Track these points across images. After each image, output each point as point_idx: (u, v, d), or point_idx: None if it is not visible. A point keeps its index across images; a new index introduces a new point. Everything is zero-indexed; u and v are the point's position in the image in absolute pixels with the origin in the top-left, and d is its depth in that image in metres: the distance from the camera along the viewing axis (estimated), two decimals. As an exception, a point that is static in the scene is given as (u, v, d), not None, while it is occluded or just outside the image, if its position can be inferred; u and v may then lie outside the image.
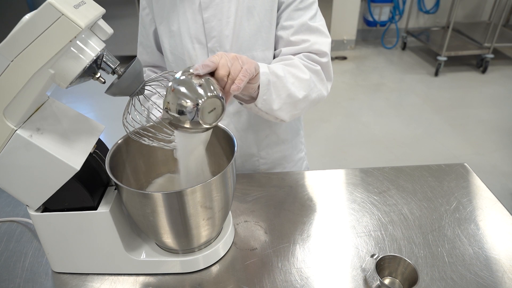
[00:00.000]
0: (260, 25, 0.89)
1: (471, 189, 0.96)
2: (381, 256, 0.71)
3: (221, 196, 0.69)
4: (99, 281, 0.75)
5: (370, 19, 4.36)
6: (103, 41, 0.61)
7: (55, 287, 0.74)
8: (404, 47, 4.37)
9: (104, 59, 0.62)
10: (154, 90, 0.69)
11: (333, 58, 4.18)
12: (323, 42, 0.90)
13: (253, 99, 0.79)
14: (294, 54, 0.90)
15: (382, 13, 4.31)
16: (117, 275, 0.76)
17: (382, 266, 0.71)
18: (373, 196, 0.94)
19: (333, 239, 0.82)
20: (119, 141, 0.74)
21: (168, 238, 0.70)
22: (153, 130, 0.73)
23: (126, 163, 0.77)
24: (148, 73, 1.07)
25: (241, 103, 0.83)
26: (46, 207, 0.69)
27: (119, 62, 0.63)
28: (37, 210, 0.69)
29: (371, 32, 4.61)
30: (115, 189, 0.72)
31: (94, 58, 0.58)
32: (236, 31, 0.89)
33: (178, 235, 0.70)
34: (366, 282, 0.72)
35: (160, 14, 0.94)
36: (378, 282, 0.70)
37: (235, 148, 0.70)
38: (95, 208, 0.68)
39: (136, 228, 0.79)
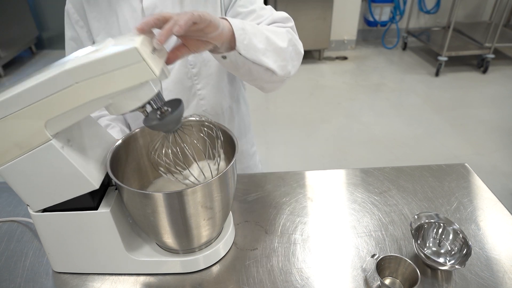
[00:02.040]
0: None
1: (471, 189, 0.95)
2: (381, 256, 0.71)
3: (222, 196, 0.69)
4: (99, 281, 0.75)
5: (371, 19, 4.36)
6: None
7: (56, 287, 0.74)
8: (404, 47, 4.37)
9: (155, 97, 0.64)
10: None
11: (333, 58, 4.18)
12: (281, 12, 0.90)
13: (232, 49, 0.75)
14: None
15: (383, 13, 4.30)
16: (118, 275, 0.76)
17: (382, 266, 0.71)
18: (374, 196, 0.94)
19: (333, 239, 0.82)
20: (119, 141, 0.75)
21: (168, 238, 0.71)
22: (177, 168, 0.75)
23: (126, 163, 0.77)
24: None
25: (224, 57, 0.78)
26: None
27: (165, 101, 0.65)
28: (37, 210, 0.69)
29: (371, 32, 4.61)
30: (116, 189, 0.72)
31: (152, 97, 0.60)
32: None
33: (179, 235, 0.70)
34: (366, 282, 0.72)
35: (96, 25, 0.90)
36: (379, 282, 0.70)
37: (236, 149, 0.70)
38: (96, 208, 0.68)
39: (136, 228, 0.79)
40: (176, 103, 0.65)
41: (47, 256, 0.75)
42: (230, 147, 0.74)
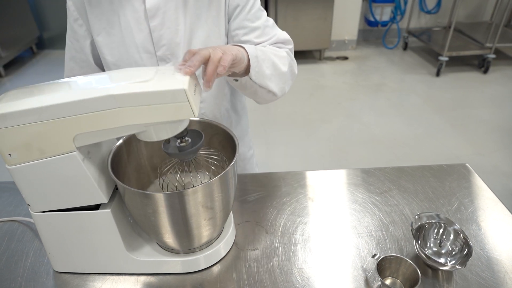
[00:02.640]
0: (209, 31, 0.90)
1: (472, 190, 0.95)
2: (382, 257, 0.71)
3: (222, 196, 0.69)
4: (100, 280, 0.75)
5: (372, 19, 4.36)
6: None
7: (57, 287, 0.74)
8: (405, 47, 4.36)
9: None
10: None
11: (334, 58, 4.18)
12: (284, 33, 0.96)
13: (245, 74, 0.81)
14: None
15: (384, 13, 4.30)
16: (118, 275, 0.76)
17: (383, 266, 0.71)
18: (375, 197, 0.94)
19: (334, 239, 0.82)
20: (120, 141, 0.75)
21: (169, 238, 0.71)
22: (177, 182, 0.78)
23: (127, 163, 0.77)
24: None
25: (236, 80, 0.84)
26: (48, 207, 0.69)
27: (188, 132, 0.68)
28: (39, 211, 0.69)
29: (372, 32, 4.61)
30: (117, 189, 0.72)
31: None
32: (187, 38, 0.89)
33: (179, 235, 0.70)
34: (367, 282, 0.72)
35: (96, 24, 0.90)
36: (379, 282, 0.70)
37: (236, 148, 0.70)
38: (97, 208, 0.68)
39: (137, 228, 0.79)
40: (196, 135, 0.70)
41: (47, 256, 0.76)
42: (230, 147, 0.74)
